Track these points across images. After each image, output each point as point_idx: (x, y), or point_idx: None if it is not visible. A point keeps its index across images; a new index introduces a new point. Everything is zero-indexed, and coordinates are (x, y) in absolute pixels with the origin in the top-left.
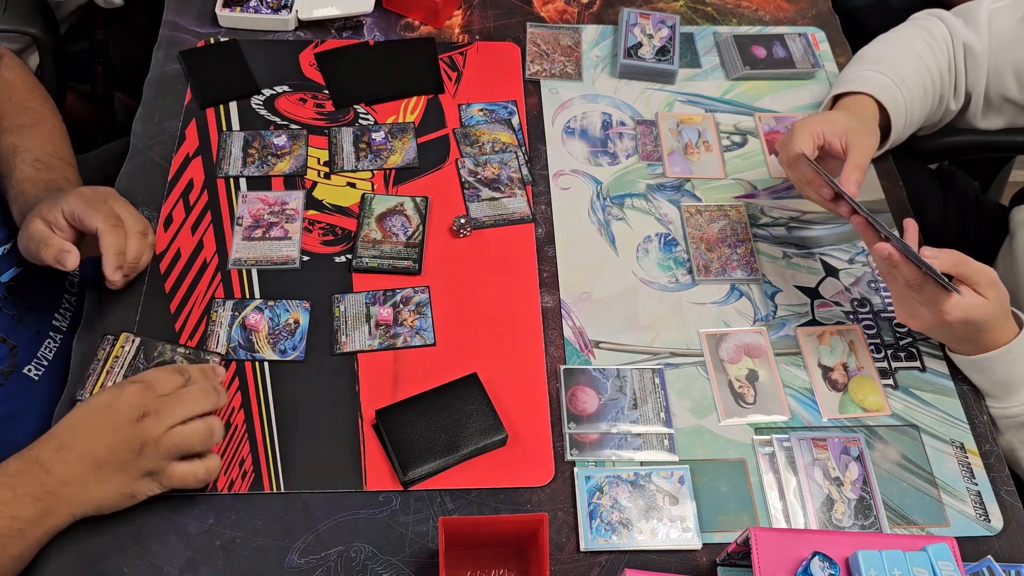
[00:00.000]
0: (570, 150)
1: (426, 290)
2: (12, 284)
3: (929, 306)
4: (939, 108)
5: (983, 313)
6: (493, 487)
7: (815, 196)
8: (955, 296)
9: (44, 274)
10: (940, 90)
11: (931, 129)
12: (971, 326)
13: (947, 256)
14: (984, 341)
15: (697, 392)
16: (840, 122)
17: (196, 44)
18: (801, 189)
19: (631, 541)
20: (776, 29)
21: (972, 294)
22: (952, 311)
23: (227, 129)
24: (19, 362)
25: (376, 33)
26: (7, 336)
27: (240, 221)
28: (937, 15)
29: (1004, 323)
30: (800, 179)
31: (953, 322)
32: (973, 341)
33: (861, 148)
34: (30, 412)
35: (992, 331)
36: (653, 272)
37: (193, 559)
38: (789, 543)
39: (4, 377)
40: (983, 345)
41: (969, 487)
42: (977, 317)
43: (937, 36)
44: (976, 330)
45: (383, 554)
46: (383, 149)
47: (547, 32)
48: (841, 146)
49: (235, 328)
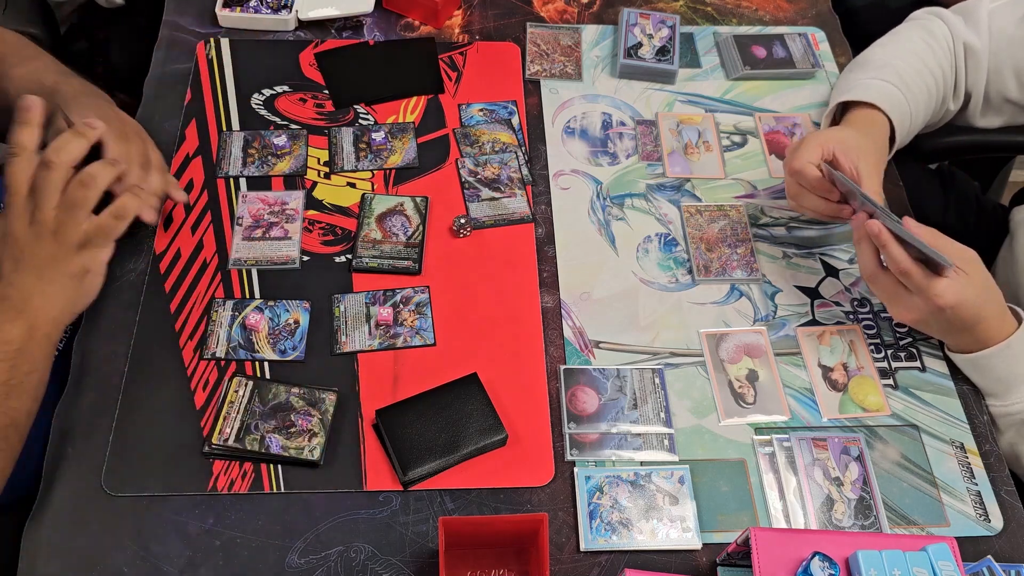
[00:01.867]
0: (570, 150)
1: (426, 290)
2: None
3: (920, 294)
4: (940, 109)
5: (973, 293)
6: (493, 487)
7: (815, 202)
8: (944, 280)
9: None
10: (942, 91)
11: (930, 129)
12: (965, 310)
13: (924, 232)
14: (980, 332)
15: (697, 392)
16: (851, 141)
17: (196, 44)
18: (797, 196)
19: (631, 541)
20: (776, 29)
21: (960, 276)
22: (944, 294)
23: (227, 129)
24: None
25: (376, 33)
26: None
27: (240, 221)
28: (937, 14)
29: (1000, 315)
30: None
31: (946, 306)
32: (969, 331)
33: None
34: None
35: (987, 319)
36: (653, 272)
37: (193, 559)
38: (789, 543)
39: None
40: (979, 336)
41: (969, 487)
42: (968, 298)
43: (938, 36)
44: (970, 317)
45: (383, 554)
46: (383, 149)
47: (547, 32)
48: (850, 167)
49: (235, 328)
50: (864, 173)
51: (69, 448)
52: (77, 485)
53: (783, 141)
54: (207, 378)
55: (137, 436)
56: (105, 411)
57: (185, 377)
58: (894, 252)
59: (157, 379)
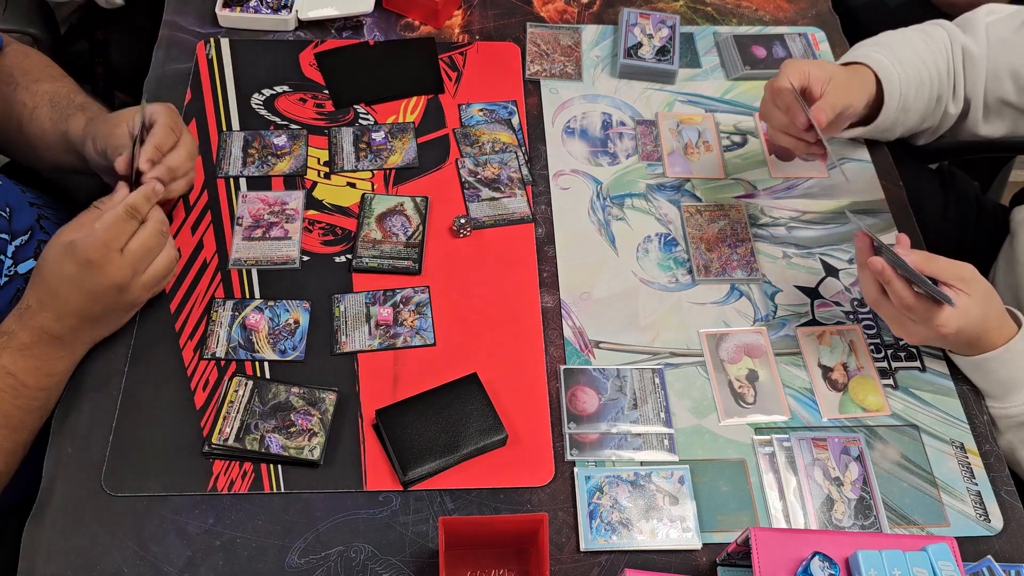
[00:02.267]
0: (570, 150)
1: (426, 290)
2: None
3: (923, 323)
4: (938, 108)
5: (976, 316)
6: (493, 487)
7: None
8: (947, 309)
9: None
10: (938, 88)
11: (932, 135)
12: (968, 333)
13: (917, 257)
14: (983, 343)
15: (697, 392)
16: (829, 69)
17: (196, 44)
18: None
19: (631, 541)
20: (776, 29)
21: (962, 299)
22: (948, 324)
23: (227, 129)
24: None
25: (376, 33)
26: None
27: (240, 221)
28: (938, 23)
29: (1001, 323)
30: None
31: (949, 334)
32: (972, 345)
33: (837, 92)
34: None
35: (989, 332)
36: (653, 272)
37: (193, 559)
38: (789, 543)
39: None
40: (982, 347)
41: (969, 487)
42: (971, 321)
43: (936, 38)
44: (974, 335)
45: (383, 554)
46: (383, 149)
47: (547, 32)
48: (820, 91)
49: (235, 328)
50: (829, 91)
51: (69, 448)
52: (77, 485)
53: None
54: (207, 378)
55: (137, 436)
56: (105, 411)
57: (185, 377)
58: (898, 289)
59: (157, 379)
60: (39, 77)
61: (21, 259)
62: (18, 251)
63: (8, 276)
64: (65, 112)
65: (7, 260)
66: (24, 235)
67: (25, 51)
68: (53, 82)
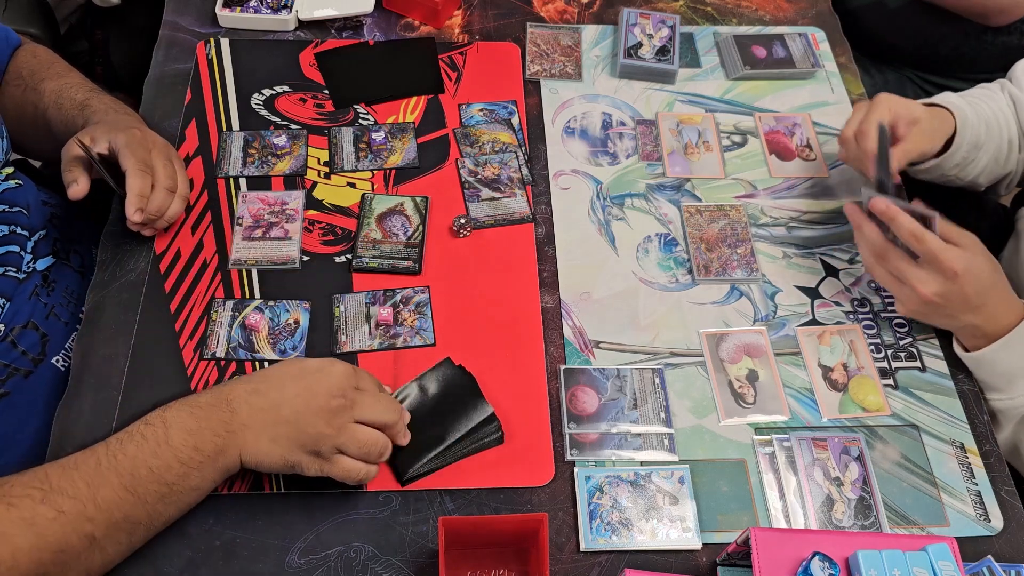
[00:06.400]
0: (570, 150)
1: (426, 290)
2: (46, 274)
3: (932, 262)
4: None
5: (982, 262)
6: (493, 487)
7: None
8: (955, 248)
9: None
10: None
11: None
12: (974, 281)
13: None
14: (987, 311)
15: (697, 392)
16: (916, 112)
17: (196, 44)
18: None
19: (631, 541)
20: (776, 29)
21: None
22: (956, 260)
23: (227, 129)
24: (48, 351)
25: (376, 33)
26: (39, 324)
27: (240, 221)
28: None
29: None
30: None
31: (959, 271)
32: (976, 311)
33: (915, 141)
34: (54, 402)
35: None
36: (653, 272)
37: (193, 559)
38: (789, 543)
39: (35, 365)
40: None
41: (969, 487)
42: (978, 266)
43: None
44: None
45: (383, 554)
46: (383, 149)
47: (547, 32)
48: (902, 133)
49: (235, 328)
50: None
51: (69, 448)
52: None
53: (783, 141)
54: (207, 378)
55: None
56: (105, 411)
57: (185, 377)
58: (905, 223)
59: (157, 379)
60: (45, 76)
61: (40, 255)
62: (37, 246)
63: (27, 272)
64: (69, 114)
65: (27, 256)
66: (41, 231)
67: (33, 50)
68: (58, 79)
